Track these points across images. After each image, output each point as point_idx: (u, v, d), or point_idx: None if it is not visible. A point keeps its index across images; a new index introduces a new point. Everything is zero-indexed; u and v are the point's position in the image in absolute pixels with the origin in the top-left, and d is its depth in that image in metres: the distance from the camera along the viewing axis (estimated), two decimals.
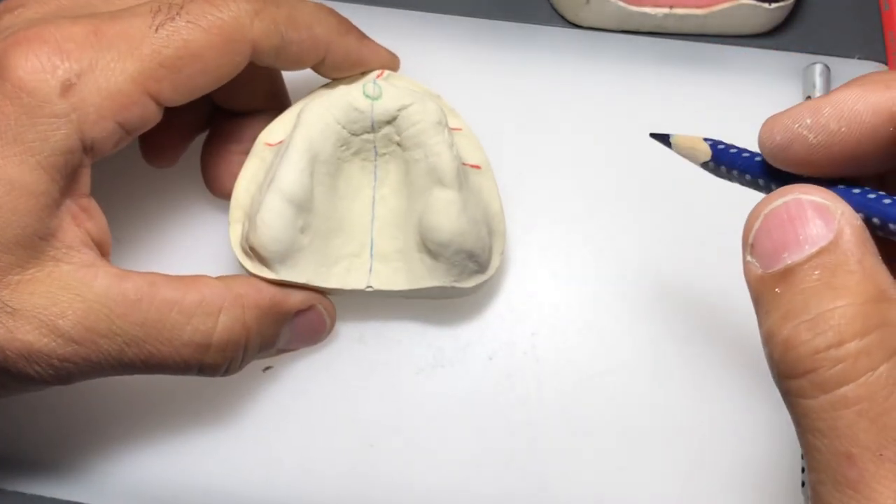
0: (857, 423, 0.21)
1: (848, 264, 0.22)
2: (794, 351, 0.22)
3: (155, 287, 0.31)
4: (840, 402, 0.21)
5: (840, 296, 0.22)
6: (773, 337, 0.23)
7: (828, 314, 0.22)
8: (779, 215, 0.24)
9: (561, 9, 0.46)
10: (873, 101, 0.24)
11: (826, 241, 0.23)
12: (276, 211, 0.34)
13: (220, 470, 0.38)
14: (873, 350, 0.22)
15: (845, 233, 0.23)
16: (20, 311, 0.29)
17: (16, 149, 0.29)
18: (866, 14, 0.46)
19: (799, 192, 0.24)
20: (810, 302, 0.22)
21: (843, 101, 0.25)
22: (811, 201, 0.23)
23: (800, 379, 0.22)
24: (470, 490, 0.38)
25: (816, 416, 0.22)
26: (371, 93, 0.35)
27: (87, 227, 0.32)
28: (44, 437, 0.39)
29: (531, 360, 0.39)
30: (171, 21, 0.31)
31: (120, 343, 0.31)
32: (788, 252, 0.23)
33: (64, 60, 0.30)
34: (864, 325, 0.22)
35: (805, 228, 0.23)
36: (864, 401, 0.21)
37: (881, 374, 0.21)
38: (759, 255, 0.24)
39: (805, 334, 0.22)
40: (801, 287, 0.23)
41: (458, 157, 0.35)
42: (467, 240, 0.35)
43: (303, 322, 0.36)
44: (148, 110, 0.31)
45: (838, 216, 0.23)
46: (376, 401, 0.39)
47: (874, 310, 0.22)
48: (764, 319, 0.24)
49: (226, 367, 0.34)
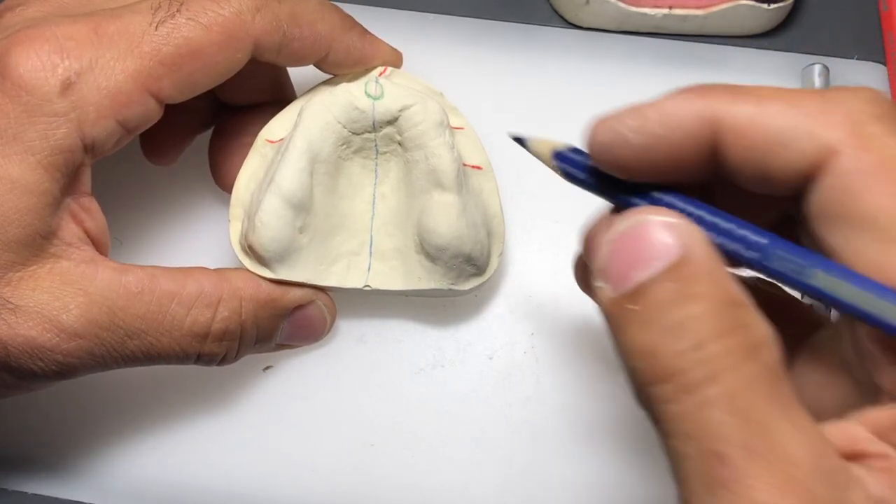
0: (725, 421, 0.21)
1: (700, 275, 0.23)
2: (656, 357, 0.22)
3: (155, 279, 0.32)
4: (706, 402, 0.21)
5: (697, 302, 0.22)
6: (633, 348, 0.23)
7: (687, 320, 0.22)
8: (627, 237, 0.24)
9: (561, 9, 0.46)
10: (694, 108, 0.25)
11: (676, 256, 0.23)
12: (275, 212, 0.34)
13: (220, 469, 0.38)
14: (734, 350, 0.22)
15: (694, 247, 0.23)
16: (22, 308, 0.29)
17: (16, 147, 0.29)
18: (865, 14, 0.46)
19: (645, 213, 0.24)
20: (668, 311, 0.22)
21: (666, 106, 0.25)
22: (658, 221, 0.23)
23: (664, 384, 0.22)
24: (470, 490, 0.38)
25: (683, 420, 0.22)
26: (373, 92, 0.35)
27: (86, 226, 0.32)
28: (44, 437, 0.39)
29: (531, 360, 0.39)
30: (171, 18, 0.31)
31: (122, 335, 0.31)
32: (640, 270, 0.23)
33: (64, 59, 0.30)
34: (723, 327, 0.22)
35: (654, 247, 0.23)
36: (729, 399, 0.21)
37: (744, 373, 0.21)
38: (609, 278, 0.24)
39: (666, 340, 0.22)
40: (657, 299, 0.23)
41: (458, 158, 0.35)
42: (465, 243, 0.35)
43: (301, 318, 0.36)
44: (148, 108, 0.31)
45: (685, 233, 0.23)
46: (376, 401, 0.39)
47: (730, 313, 0.22)
48: (621, 336, 0.23)
49: (222, 357, 0.34)
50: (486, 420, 0.39)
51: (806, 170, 0.24)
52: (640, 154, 0.25)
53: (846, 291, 0.22)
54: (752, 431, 0.21)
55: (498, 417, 0.39)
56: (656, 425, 0.23)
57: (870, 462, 0.22)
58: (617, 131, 0.26)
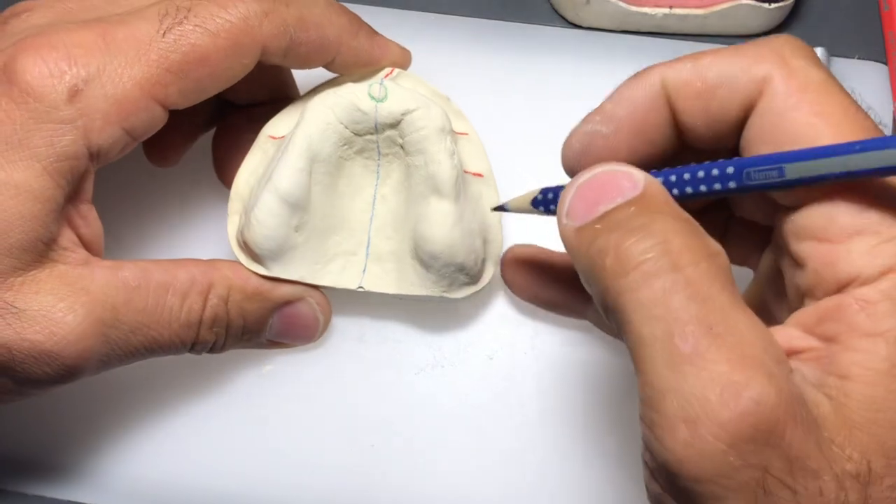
0: (689, 305, 0.23)
1: (659, 204, 0.26)
2: (626, 251, 0.24)
3: (148, 272, 0.32)
4: (670, 286, 0.24)
5: (656, 215, 0.25)
6: (601, 252, 0.25)
7: (649, 225, 0.25)
8: (591, 182, 0.27)
9: (561, 9, 0.46)
10: (644, 82, 0.28)
11: (636, 192, 0.26)
12: (271, 209, 0.34)
13: (219, 469, 0.38)
14: (694, 248, 0.24)
15: (650, 186, 0.26)
16: (26, 312, 0.29)
17: (22, 153, 0.29)
18: (866, 14, 0.46)
19: (606, 165, 0.27)
20: (630, 221, 0.25)
21: (621, 92, 0.29)
22: (618, 169, 0.27)
23: (631, 273, 0.24)
24: (470, 490, 0.38)
25: (652, 304, 0.24)
26: (376, 94, 0.35)
27: (81, 232, 0.32)
28: (44, 437, 0.39)
29: (531, 360, 0.39)
30: (178, 25, 0.31)
31: (126, 331, 0.31)
32: (604, 205, 0.26)
33: (72, 66, 0.30)
34: (682, 230, 0.25)
35: (616, 188, 0.26)
36: (691, 286, 0.24)
37: (703, 267, 0.24)
38: (574, 214, 0.26)
39: (632, 237, 0.25)
40: (619, 217, 0.25)
41: (458, 165, 0.35)
42: (458, 253, 0.35)
43: (290, 314, 0.36)
44: (154, 115, 0.31)
45: (641, 176, 0.26)
46: (376, 401, 0.39)
47: (689, 225, 0.25)
48: (588, 249, 0.26)
49: (212, 345, 0.34)
50: (487, 420, 0.39)
51: (744, 103, 0.27)
52: (613, 140, 0.29)
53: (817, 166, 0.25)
54: (713, 314, 0.23)
55: (498, 418, 0.39)
56: (623, 321, 0.25)
57: (801, 355, 0.25)
58: (589, 132, 0.29)
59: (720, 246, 0.25)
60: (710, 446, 0.22)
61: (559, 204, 0.27)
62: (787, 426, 0.22)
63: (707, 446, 0.22)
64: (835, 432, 0.23)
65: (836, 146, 0.25)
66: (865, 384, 0.23)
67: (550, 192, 0.32)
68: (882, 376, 0.23)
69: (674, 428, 0.23)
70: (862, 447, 0.23)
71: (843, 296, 0.25)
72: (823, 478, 0.22)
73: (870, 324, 0.24)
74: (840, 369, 0.24)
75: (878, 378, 0.23)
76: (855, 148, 0.24)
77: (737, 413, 0.22)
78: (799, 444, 0.22)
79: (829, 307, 0.25)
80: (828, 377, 0.24)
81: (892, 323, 0.24)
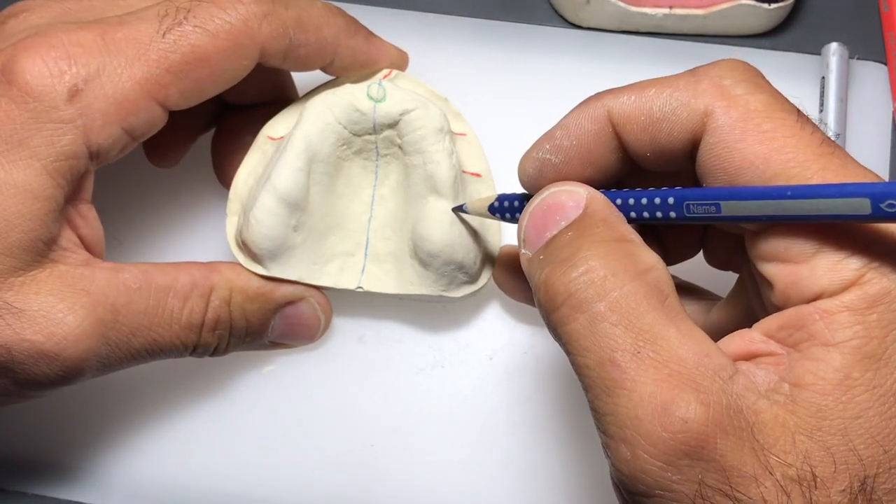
0: (614, 331, 0.25)
1: (595, 223, 0.27)
2: (553, 285, 0.26)
3: (149, 275, 0.32)
4: (596, 317, 0.25)
5: (588, 240, 0.26)
6: (538, 286, 0.26)
7: (578, 253, 0.26)
8: (540, 208, 0.28)
9: (561, 9, 0.46)
10: (588, 113, 0.29)
11: (578, 212, 0.27)
12: (269, 209, 0.34)
13: (220, 470, 0.38)
14: (619, 272, 0.25)
15: (591, 204, 0.27)
16: (26, 312, 0.29)
17: (22, 153, 0.29)
18: (866, 14, 0.46)
19: (552, 187, 0.28)
20: (563, 250, 0.26)
21: (568, 120, 0.29)
22: (562, 190, 0.28)
23: (561, 307, 0.26)
24: (470, 490, 0.38)
25: (581, 336, 0.25)
26: (375, 94, 0.35)
27: (81, 233, 0.32)
28: (44, 437, 0.39)
29: (531, 360, 0.39)
30: (178, 26, 0.31)
31: (126, 333, 0.31)
32: (550, 231, 0.27)
33: (71, 66, 0.30)
34: (610, 256, 0.26)
35: (560, 210, 0.27)
36: (616, 312, 0.25)
37: (627, 289, 0.25)
38: (529, 243, 0.28)
39: (560, 270, 0.26)
40: (557, 244, 0.27)
41: (457, 165, 0.35)
42: (457, 251, 0.35)
43: (292, 315, 0.36)
44: (154, 116, 0.32)
45: (585, 194, 0.28)
46: (376, 401, 0.39)
47: (619, 247, 0.26)
48: (534, 289, 0.27)
49: (214, 347, 0.34)
50: (487, 420, 0.39)
51: (689, 136, 0.27)
52: (564, 168, 0.29)
53: (751, 206, 0.25)
54: (639, 338, 0.24)
55: (498, 418, 0.39)
56: (565, 350, 0.26)
57: (760, 359, 0.25)
58: (540, 159, 0.30)
59: (656, 257, 0.26)
60: (649, 464, 0.24)
61: (517, 231, 0.29)
62: (718, 438, 0.23)
63: (646, 464, 0.24)
64: (773, 439, 0.24)
65: (770, 189, 0.25)
66: (816, 393, 0.24)
67: (507, 200, 0.33)
68: (833, 386, 0.24)
69: (617, 448, 0.24)
70: (805, 453, 0.23)
71: (807, 306, 0.25)
72: (765, 484, 0.23)
73: (827, 334, 0.24)
74: (795, 377, 0.24)
75: (829, 388, 0.24)
76: (786, 193, 0.24)
77: (668, 432, 0.23)
78: (731, 453, 0.23)
79: (791, 316, 0.25)
80: (782, 384, 0.24)
81: (848, 334, 0.24)
